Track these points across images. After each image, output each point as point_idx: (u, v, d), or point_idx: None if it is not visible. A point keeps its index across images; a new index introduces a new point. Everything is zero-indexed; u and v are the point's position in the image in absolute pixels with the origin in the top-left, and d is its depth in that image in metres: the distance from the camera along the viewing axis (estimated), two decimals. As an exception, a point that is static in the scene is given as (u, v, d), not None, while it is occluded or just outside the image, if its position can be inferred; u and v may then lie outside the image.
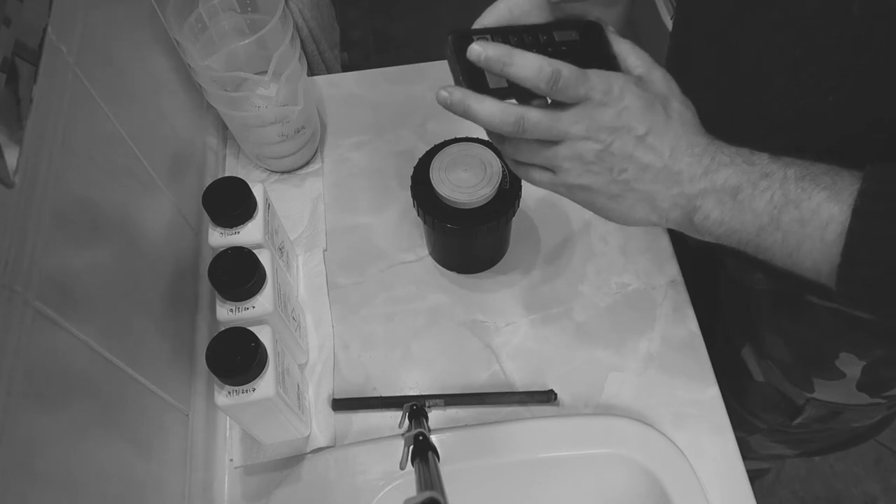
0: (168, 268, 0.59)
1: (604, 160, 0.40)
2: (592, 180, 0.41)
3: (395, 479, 0.58)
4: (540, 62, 0.38)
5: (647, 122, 0.40)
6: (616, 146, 0.40)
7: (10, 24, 0.39)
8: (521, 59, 0.38)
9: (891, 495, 1.33)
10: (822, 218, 0.36)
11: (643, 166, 0.40)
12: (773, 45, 0.45)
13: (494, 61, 0.39)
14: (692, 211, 0.40)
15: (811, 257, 0.37)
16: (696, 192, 0.40)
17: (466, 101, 0.40)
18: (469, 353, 0.65)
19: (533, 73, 0.38)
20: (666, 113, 0.40)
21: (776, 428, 0.73)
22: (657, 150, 0.40)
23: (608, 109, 0.39)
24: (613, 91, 0.39)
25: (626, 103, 0.39)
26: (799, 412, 0.67)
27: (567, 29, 0.42)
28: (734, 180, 0.39)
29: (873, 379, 0.59)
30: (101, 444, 0.43)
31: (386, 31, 2.00)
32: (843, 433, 0.72)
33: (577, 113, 0.39)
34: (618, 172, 0.40)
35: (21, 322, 0.36)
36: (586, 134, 0.39)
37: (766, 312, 0.64)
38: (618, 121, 0.39)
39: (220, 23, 0.68)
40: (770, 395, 0.69)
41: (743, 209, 0.38)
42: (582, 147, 0.40)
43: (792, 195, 0.37)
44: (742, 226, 0.39)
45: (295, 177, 0.77)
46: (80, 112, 0.47)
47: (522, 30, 0.42)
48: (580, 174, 0.41)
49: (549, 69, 0.38)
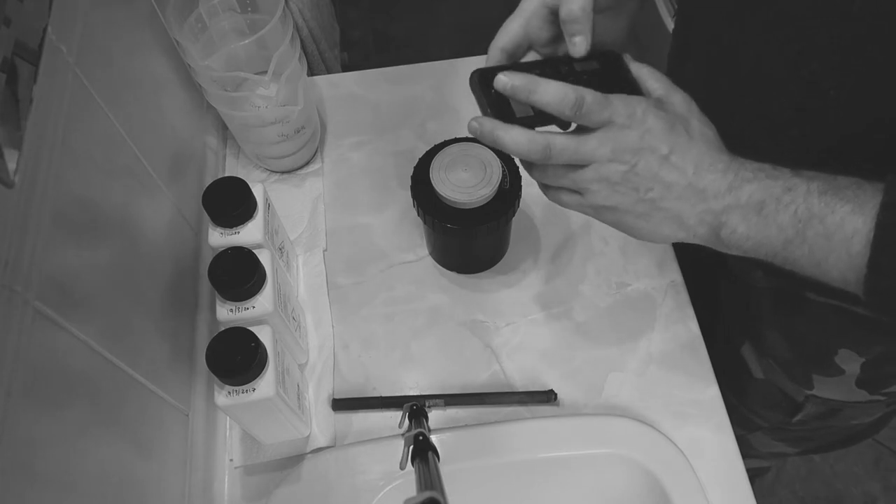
0: (168, 268, 0.59)
1: (629, 181, 0.41)
2: (619, 201, 0.42)
3: (395, 479, 0.58)
4: (564, 89, 0.40)
5: (669, 142, 0.40)
6: (641, 167, 0.41)
7: (10, 24, 0.39)
8: (546, 86, 0.40)
9: (891, 495, 1.33)
10: (847, 231, 0.37)
11: (668, 185, 0.41)
12: (773, 44, 0.46)
13: (521, 89, 0.41)
14: (719, 227, 0.41)
15: (838, 269, 0.38)
16: (722, 208, 0.40)
17: (495, 132, 0.41)
18: (469, 353, 0.65)
19: (557, 100, 0.40)
20: (688, 133, 0.41)
21: (776, 426, 0.73)
22: (681, 169, 0.41)
23: (632, 132, 0.40)
24: (636, 114, 0.40)
25: (648, 125, 0.40)
26: (798, 409, 0.68)
27: (587, 59, 0.43)
28: (758, 196, 0.39)
29: (872, 376, 0.59)
30: (101, 444, 0.43)
31: (386, 31, 2.00)
32: (842, 431, 0.72)
33: (601, 136, 0.41)
34: (644, 192, 0.41)
35: (21, 322, 0.36)
36: (611, 156, 0.41)
37: (767, 310, 0.64)
38: (641, 142, 0.40)
39: (220, 23, 0.68)
40: (770, 393, 0.69)
41: (768, 224, 0.39)
42: (608, 169, 0.41)
43: (816, 209, 0.38)
44: (768, 240, 0.40)
45: (295, 177, 0.77)
46: (80, 112, 0.47)
47: (544, 63, 0.43)
48: (608, 196, 0.42)
49: (573, 95, 0.39)
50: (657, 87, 0.43)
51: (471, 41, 0.99)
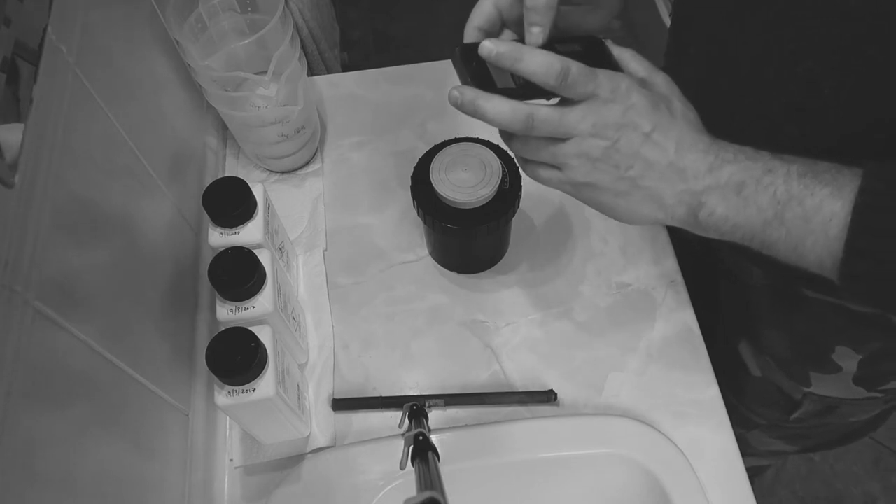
0: (168, 268, 0.59)
1: (610, 157, 0.41)
2: (599, 178, 0.42)
3: (395, 479, 0.58)
4: (550, 58, 0.39)
5: (652, 119, 0.40)
6: (622, 143, 0.40)
7: (10, 24, 0.39)
8: (531, 55, 0.39)
9: (891, 495, 1.33)
10: (825, 214, 0.37)
11: (649, 163, 0.41)
12: (771, 43, 0.45)
13: (506, 56, 0.40)
14: (697, 207, 0.41)
15: (815, 252, 0.38)
16: (702, 188, 0.40)
17: (476, 101, 0.41)
18: (469, 353, 0.65)
19: (543, 69, 0.39)
20: (670, 112, 0.41)
21: (774, 423, 0.73)
22: (663, 147, 0.40)
23: (615, 106, 0.40)
24: (620, 89, 0.40)
25: (632, 101, 0.40)
26: (796, 407, 0.68)
27: (569, 42, 0.43)
28: (738, 176, 0.39)
29: (870, 373, 0.59)
30: (101, 444, 0.43)
31: (386, 31, 2.00)
32: (840, 428, 0.72)
33: (584, 109, 0.40)
34: (624, 169, 0.41)
35: (21, 322, 0.36)
36: (593, 131, 0.40)
37: (765, 308, 0.64)
38: (624, 118, 0.40)
39: (220, 23, 0.68)
40: (767, 391, 0.69)
41: (747, 205, 0.39)
42: (589, 144, 0.41)
43: (795, 191, 0.38)
44: (747, 221, 0.39)
45: (295, 177, 0.77)
46: (80, 112, 0.47)
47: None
48: (587, 172, 0.42)
49: (558, 65, 0.39)
50: (639, 69, 0.43)
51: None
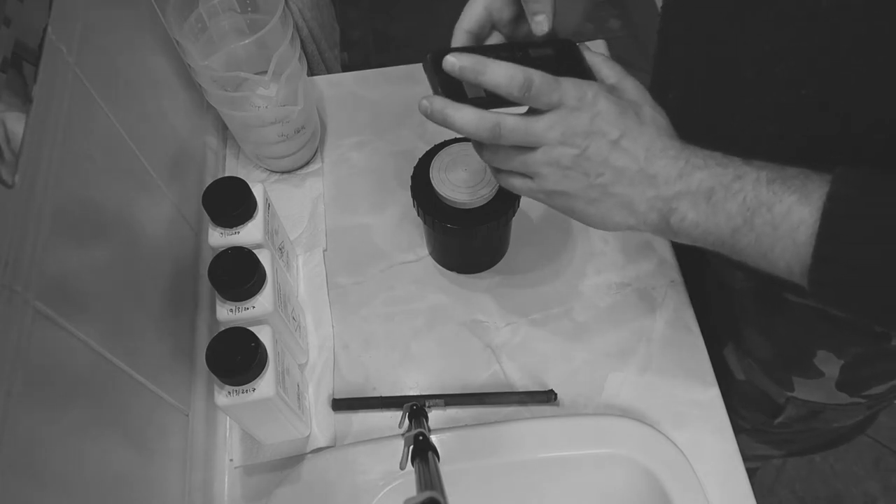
0: (168, 268, 0.59)
1: (580, 165, 0.41)
2: (570, 185, 0.42)
3: (395, 479, 0.58)
4: (513, 70, 0.39)
5: (620, 126, 0.40)
6: (591, 150, 0.41)
7: (10, 24, 0.39)
8: (495, 67, 0.40)
9: (891, 495, 1.33)
10: (793, 220, 0.37)
11: (619, 170, 0.41)
12: (748, 43, 0.45)
13: (469, 70, 0.40)
14: (669, 213, 0.41)
15: (784, 258, 0.38)
16: (672, 194, 0.40)
17: (445, 110, 0.41)
18: (469, 353, 0.65)
19: (505, 81, 0.39)
20: (639, 118, 0.41)
21: (759, 428, 0.73)
22: (632, 154, 0.41)
23: (582, 114, 0.40)
24: (587, 97, 0.40)
25: (599, 108, 0.40)
26: (780, 411, 0.68)
27: (541, 46, 0.43)
28: (708, 182, 0.39)
29: (852, 378, 0.59)
30: (100, 444, 0.43)
31: (386, 31, 2.00)
32: (826, 433, 0.72)
33: (551, 118, 0.40)
34: (594, 177, 0.41)
35: (21, 322, 0.36)
36: (562, 139, 0.40)
37: (748, 311, 0.64)
38: (592, 125, 0.40)
39: (220, 23, 0.68)
40: (751, 394, 0.69)
41: (717, 211, 0.39)
42: (558, 152, 0.41)
43: (764, 197, 0.38)
44: (717, 227, 0.40)
45: (295, 177, 0.77)
46: (80, 112, 0.47)
47: (499, 47, 0.43)
48: (558, 180, 0.42)
49: (521, 76, 0.39)
50: (610, 74, 0.43)
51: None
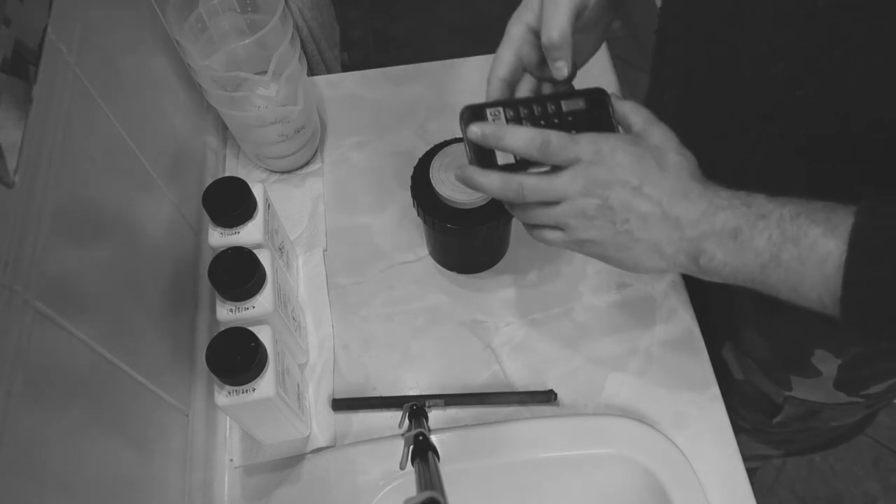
0: (168, 268, 0.59)
1: (605, 214, 0.43)
2: (598, 234, 0.44)
3: (395, 479, 0.58)
4: (530, 133, 0.43)
5: (639, 173, 0.42)
6: (613, 199, 0.42)
7: (10, 24, 0.39)
8: (513, 132, 0.43)
9: (891, 495, 1.33)
10: (820, 253, 0.37)
11: (643, 216, 0.42)
12: (746, 43, 0.45)
13: (490, 138, 0.44)
14: (697, 254, 0.42)
15: (815, 291, 0.38)
16: (697, 235, 0.41)
17: (474, 178, 0.45)
18: (469, 353, 0.65)
19: (524, 144, 0.43)
20: (659, 165, 0.42)
21: (757, 427, 0.73)
22: (653, 199, 0.42)
23: (600, 167, 0.42)
24: (603, 150, 0.42)
25: (617, 160, 0.42)
26: (778, 410, 0.68)
27: (574, 97, 0.46)
28: (733, 222, 0.40)
29: (850, 378, 0.60)
30: (100, 444, 0.43)
31: (386, 31, 2.00)
32: (825, 433, 0.72)
33: (571, 173, 0.43)
34: (620, 223, 0.43)
35: (21, 322, 0.36)
36: (584, 191, 0.43)
37: (748, 311, 0.64)
38: (611, 175, 0.42)
39: (220, 23, 0.68)
40: (750, 394, 0.69)
41: (744, 249, 0.40)
42: (583, 204, 0.43)
43: (789, 233, 0.38)
44: (745, 266, 0.40)
45: (295, 177, 0.77)
46: (80, 112, 0.47)
47: (533, 101, 0.45)
48: (586, 229, 0.44)
49: (539, 138, 0.42)
50: (637, 121, 0.45)
51: (471, 41, 0.99)
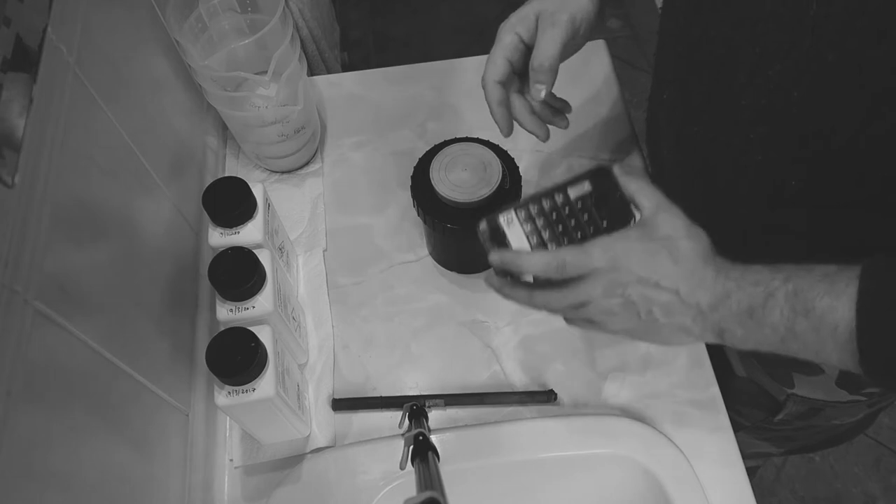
0: (168, 268, 0.59)
1: (628, 309, 0.45)
2: (627, 325, 0.46)
3: (395, 479, 0.58)
4: (546, 258, 0.45)
5: (655, 270, 0.44)
6: (634, 295, 0.44)
7: (10, 24, 0.39)
8: (530, 259, 0.46)
9: (891, 495, 1.33)
10: (829, 323, 0.39)
11: (664, 305, 0.44)
12: (742, 46, 0.46)
13: (510, 265, 0.47)
14: (721, 333, 0.44)
15: (834, 356, 0.40)
16: (718, 318, 0.43)
17: (502, 289, 0.50)
18: (469, 353, 0.65)
19: (542, 269, 0.45)
20: (672, 257, 0.44)
21: (758, 425, 0.74)
22: (671, 290, 0.44)
23: (617, 272, 0.44)
24: (617, 256, 0.44)
25: (631, 262, 0.44)
26: (780, 408, 0.68)
27: (579, 182, 0.48)
28: (745, 303, 0.42)
29: (852, 375, 0.59)
30: (100, 444, 0.43)
31: (386, 31, 2.00)
32: (826, 430, 0.72)
33: (591, 280, 0.45)
34: (645, 314, 0.45)
35: (21, 322, 0.36)
36: (605, 293, 0.45)
37: None
38: (628, 277, 0.44)
39: (220, 23, 0.68)
40: (751, 391, 0.70)
41: (762, 326, 0.42)
42: (606, 303, 0.45)
43: (798, 307, 0.40)
44: (766, 339, 0.42)
45: (295, 177, 0.77)
46: (80, 112, 0.47)
47: (542, 196, 0.48)
48: (616, 323, 0.46)
49: (554, 262, 0.45)
50: (647, 205, 0.46)
51: (471, 41, 0.99)
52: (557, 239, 0.47)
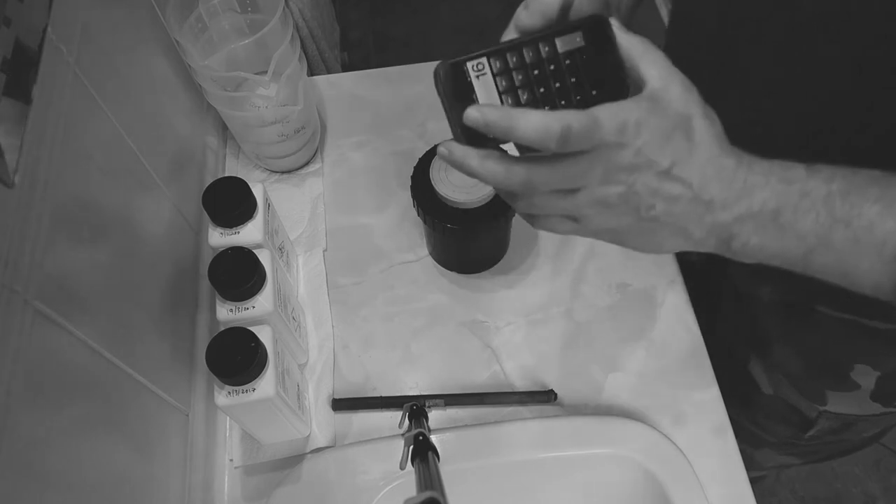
0: (168, 268, 0.59)
1: (628, 201, 0.37)
2: (619, 222, 0.38)
3: (395, 479, 0.58)
4: (546, 120, 0.34)
5: (668, 154, 0.35)
6: (639, 185, 0.36)
7: (10, 24, 0.39)
8: (526, 120, 0.34)
9: (891, 495, 1.33)
10: (878, 235, 0.34)
11: (671, 199, 0.36)
12: (740, 38, 0.45)
13: (496, 127, 0.35)
14: (729, 238, 0.37)
15: (870, 276, 0.35)
16: (732, 219, 0.36)
17: (467, 162, 0.37)
18: (469, 353, 0.65)
19: (539, 135, 0.34)
20: (688, 138, 0.36)
21: (785, 441, 0.71)
22: (684, 181, 0.36)
23: (624, 150, 0.35)
24: (628, 129, 0.34)
25: (643, 139, 0.35)
26: (811, 425, 0.65)
27: (570, 32, 0.37)
28: (772, 203, 0.35)
29: (888, 389, 0.58)
30: (101, 444, 0.43)
31: (386, 31, 2.00)
32: (855, 443, 0.70)
33: (591, 158, 0.35)
34: (645, 210, 0.37)
35: (21, 322, 0.36)
36: (604, 178, 0.36)
37: (775, 325, 0.62)
38: (637, 158, 0.35)
39: (220, 23, 0.68)
40: (779, 409, 0.67)
41: (785, 233, 0.36)
42: (603, 192, 0.36)
43: (839, 213, 0.34)
44: (786, 250, 0.36)
45: (295, 177, 0.77)
46: (80, 112, 0.47)
47: (522, 44, 0.37)
48: (605, 219, 0.38)
49: (556, 126, 0.33)
50: (654, 74, 0.36)
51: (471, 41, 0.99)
52: (537, 105, 0.37)
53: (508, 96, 0.37)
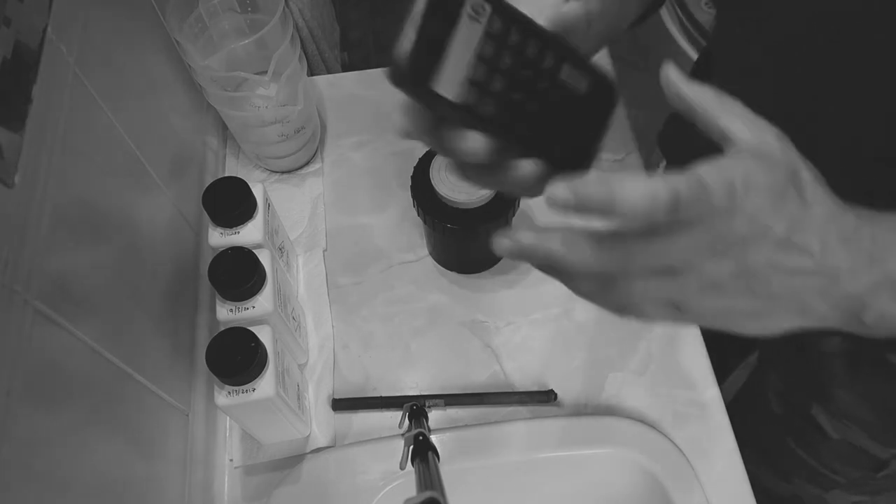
0: (168, 268, 0.59)
1: (741, 279, 0.30)
2: (730, 304, 0.31)
3: (395, 479, 0.58)
4: (652, 189, 0.27)
5: (784, 217, 0.29)
6: (753, 259, 0.29)
7: (10, 24, 0.39)
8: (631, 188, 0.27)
9: (891, 495, 1.32)
10: None
11: (790, 272, 0.30)
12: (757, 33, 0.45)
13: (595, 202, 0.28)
14: (860, 310, 0.31)
15: None
16: (864, 288, 0.31)
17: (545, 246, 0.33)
18: (469, 353, 0.65)
19: (646, 204, 0.27)
20: (800, 195, 0.30)
21: (854, 482, 0.67)
22: (804, 250, 0.30)
23: (735, 218, 0.28)
24: (737, 190, 0.28)
25: (754, 202, 0.28)
26: (883, 466, 0.63)
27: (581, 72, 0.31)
28: None
29: None
30: (100, 444, 0.43)
31: (386, 31, 2.00)
32: None
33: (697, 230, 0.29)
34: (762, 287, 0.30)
35: (21, 322, 0.36)
36: (714, 254, 0.29)
37: (840, 373, 0.59)
38: (750, 227, 0.29)
39: (220, 23, 0.68)
40: (847, 452, 0.64)
41: None
42: (713, 271, 0.30)
43: None
44: None
45: (295, 177, 0.77)
46: (80, 112, 0.47)
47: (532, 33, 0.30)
48: (714, 302, 0.31)
49: (664, 194, 0.27)
50: (741, 127, 0.30)
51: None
52: (502, 96, 0.30)
53: (480, 68, 0.30)
